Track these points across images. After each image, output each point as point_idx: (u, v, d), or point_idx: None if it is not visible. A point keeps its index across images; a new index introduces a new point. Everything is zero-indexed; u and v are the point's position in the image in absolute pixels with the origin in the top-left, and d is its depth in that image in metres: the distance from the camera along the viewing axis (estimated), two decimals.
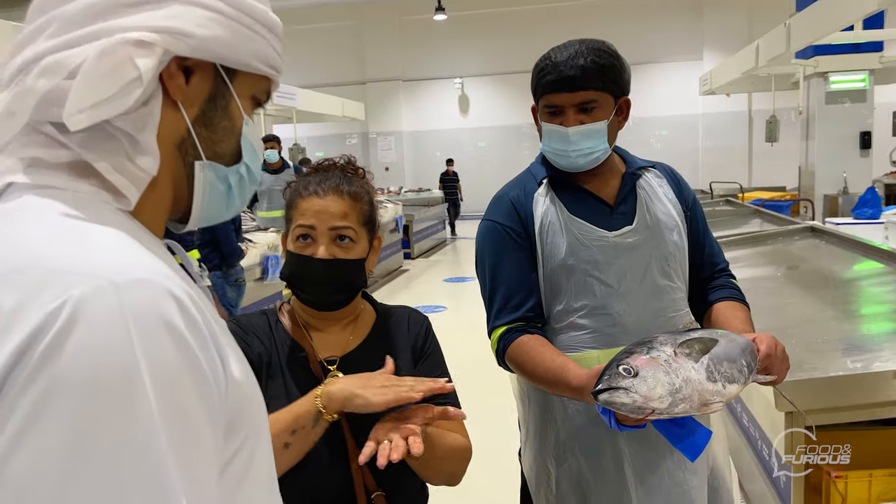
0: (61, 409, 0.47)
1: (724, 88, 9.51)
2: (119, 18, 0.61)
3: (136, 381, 0.49)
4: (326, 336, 1.29)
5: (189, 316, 0.54)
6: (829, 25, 4.92)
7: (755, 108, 10.92)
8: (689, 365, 1.14)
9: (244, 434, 0.62)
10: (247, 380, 0.64)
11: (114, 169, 0.61)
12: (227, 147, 0.71)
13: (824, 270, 3.75)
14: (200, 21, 0.64)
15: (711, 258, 1.63)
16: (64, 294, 0.49)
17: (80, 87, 0.58)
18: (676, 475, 1.47)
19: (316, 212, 1.22)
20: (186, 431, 0.52)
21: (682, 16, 15.19)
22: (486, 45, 16.13)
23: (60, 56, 0.60)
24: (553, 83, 1.43)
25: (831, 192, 7.95)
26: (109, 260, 0.54)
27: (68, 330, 0.48)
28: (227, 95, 0.70)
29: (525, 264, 1.49)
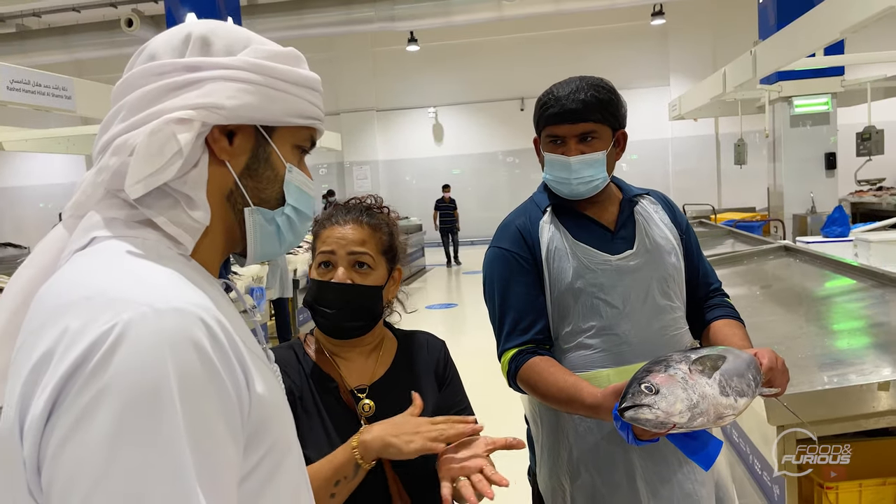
0: (105, 412, 0.58)
1: (693, 113, 9.75)
2: (166, 101, 0.74)
3: (165, 393, 0.59)
4: (352, 364, 1.33)
5: (216, 339, 0.65)
6: (794, 53, 5.11)
7: (722, 132, 11.21)
8: (703, 381, 1.20)
9: (267, 446, 0.71)
10: (272, 397, 0.73)
11: (171, 222, 0.74)
12: (271, 193, 0.82)
13: (800, 288, 3.85)
14: (230, 94, 0.75)
15: (706, 279, 1.71)
16: (115, 318, 0.61)
17: (135, 164, 0.71)
18: (686, 486, 1.52)
19: (336, 238, 1.29)
20: (207, 435, 0.62)
21: (648, 43, 15.60)
22: (458, 74, 16.36)
23: (124, 138, 0.73)
24: (556, 115, 1.51)
25: (800, 212, 8.16)
26: (155, 292, 0.65)
27: (115, 348, 0.60)
28: (268, 149, 0.81)
29: (533, 289, 1.55)
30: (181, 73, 0.75)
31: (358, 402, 1.28)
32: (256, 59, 0.78)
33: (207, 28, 0.79)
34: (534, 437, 1.68)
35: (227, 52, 0.78)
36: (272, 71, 0.79)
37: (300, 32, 11.77)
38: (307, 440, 1.21)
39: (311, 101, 0.83)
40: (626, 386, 1.21)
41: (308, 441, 1.21)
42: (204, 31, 0.78)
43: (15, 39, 11.87)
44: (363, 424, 1.25)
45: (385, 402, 1.29)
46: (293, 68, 0.81)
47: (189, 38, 0.78)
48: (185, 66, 0.76)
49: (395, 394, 1.30)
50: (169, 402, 0.59)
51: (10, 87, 3.93)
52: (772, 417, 1.93)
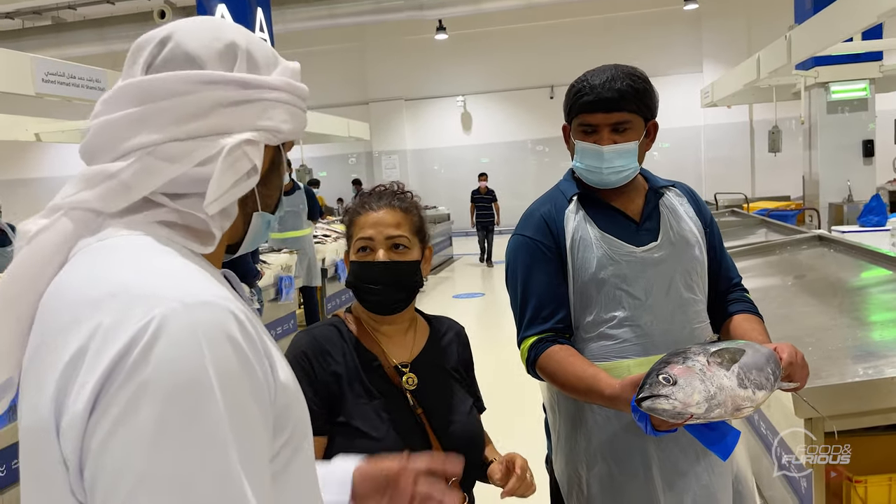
0: (148, 407, 0.59)
1: (726, 100, 9.58)
2: (222, 117, 0.76)
3: (205, 384, 0.61)
4: (392, 341, 1.42)
5: (246, 331, 0.66)
6: (830, 37, 4.99)
7: (756, 119, 11.00)
8: (721, 373, 1.21)
9: (289, 432, 0.73)
10: (292, 384, 0.75)
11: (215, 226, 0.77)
12: (273, 199, 0.88)
13: (834, 279, 3.78)
14: (284, 118, 0.81)
15: (727, 273, 1.70)
16: (149, 313, 0.62)
17: (215, 182, 0.73)
18: (703, 477, 1.52)
19: (373, 224, 1.38)
20: (246, 424, 0.63)
21: (681, 29, 15.33)
22: (487, 62, 16.27)
23: (175, 147, 0.73)
24: (590, 104, 1.50)
25: (836, 201, 7.99)
26: (182, 286, 0.66)
27: (154, 342, 0.60)
28: (280, 160, 0.86)
29: (555, 278, 1.56)
30: (235, 88, 0.77)
31: (402, 377, 1.37)
32: (292, 81, 0.83)
33: (246, 39, 0.81)
34: (551, 426, 1.70)
35: (267, 68, 0.82)
36: (300, 91, 0.84)
37: (330, 22, 11.81)
38: (354, 413, 1.30)
39: (305, 113, 0.88)
40: (643, 377, 1.21)
41: (355, 413, 1.30)
42: (245, 44, 0.80)
43: (51, 32, 12.10)
44: (409, 398, 1.35)
45: (425, 377, 1.39)
46: (303, 85, 0.86)
47: (233, 49, 0.79)
48: (238, 82, 0.77)
49: (432, 369, 1.41)
50: (209, 393, 0.60)
51: (45, 79, 4.02)
52: (799, 410, 1.91)
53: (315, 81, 16.57)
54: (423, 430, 1.32)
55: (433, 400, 1.37)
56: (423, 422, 1.33)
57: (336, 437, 1.29)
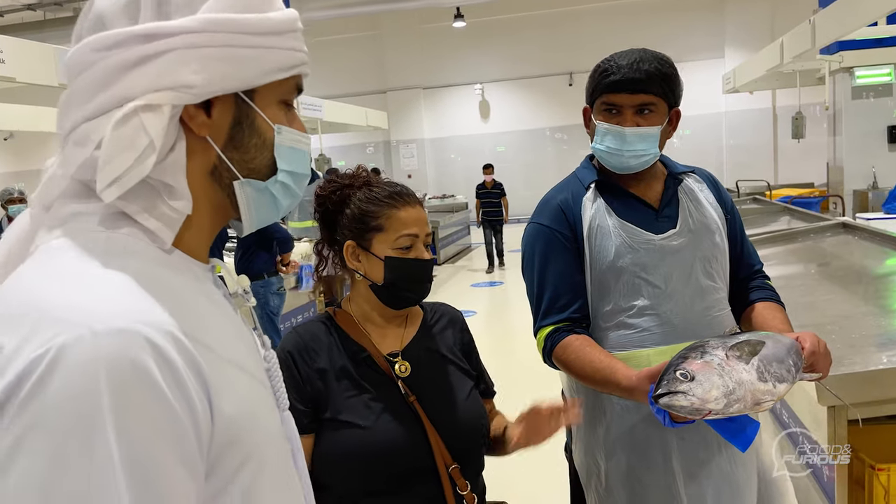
0: (36, 447, 0.53)
1: (748, 86, 9.46)
2: (124, 81, 0.65)
3: (98, 428, 0.54)
4: (384, 332, 1.40)
5: (166, 362, 0.58)
6: (855, 21, 4.90)
7: (779, 105, 10.86)
8: (740, 367, 1.20)
9: (237, 464, 0.65)
10: (244, 408, 0.66)
11: (150, 216, 0.67)
12: (261, 162, 0.73)
13: (858, 266, 3.73)
14: (196, 67, 0.66)
15: (749, 259, 1.68)
16: (49, 342, 0.55)
17: (104, 164, 0.64)
18: (724, 468, 1.51)
19: (416, 220, 1.35)
20: (149, 465, 0.56)
21: (703, 14, 15.11)
22: (505, 50, 16.17)
23: (85, 127, 0.66)
24: (616, 83, 1.48)
25: (860, 188, 7.87)
26: (98, 308, 0.58)
27: (47, 377, 0.54)
28: (252, 114, 0.72)
29: (572, 266, 1.54)
30: (135, 44, 0.65)
31: (393, 366, 1.35)
32: (218, 15, 0.67)
33: None
34: None
35: (188, 7, 0.67)
36: (240, 25, 0.68)
37: (347, 10, 11.79)
38: (342, 407, 1.29)
39: (293, 46, 0.73)
40: (661, 372, 1.21)
41: (343, 407, 1.29)
42: None
43: (72, 23, 12.14)
44: (400, 386, 1.33)
45: (418, 364, 1.37)
46: (263, 15, 0.70)
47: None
48: (138, 35, 0.65)
49: (426, 355, 1.39)
50: (101, 441, 0.54)
51: None
52: (822, 398, 1.89)
53: (333, 70, 16.68)
54: (416, 418, 1.30)
55: (427, 387, 1.35)
56: (416, 409, 1.31)
57: (323, 432, 1.28)
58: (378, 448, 1.25)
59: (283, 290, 5.04)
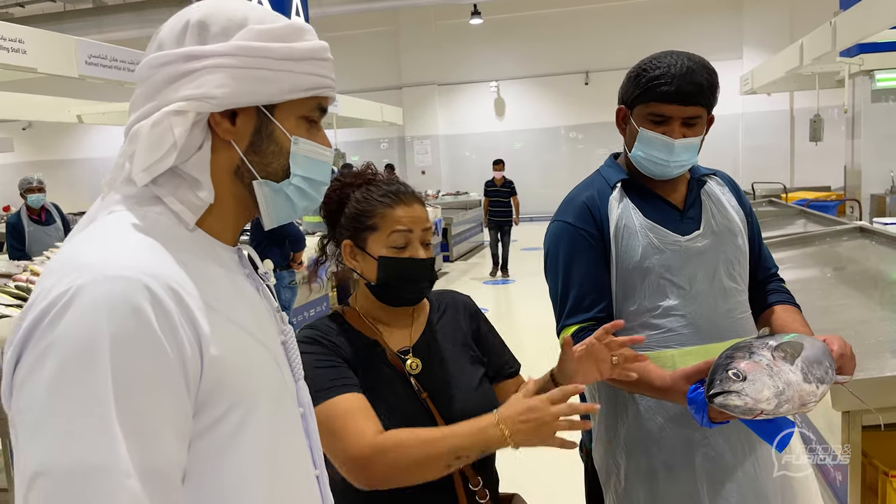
0: (51, 361, 0.68)
1: (767, 88, 9.38)
2: (168, 92, 0.81)
3: (97, 351, 0.68)
4: (393, 329, 1.39)
5: (158, 304, 0.71)
6: (877, 24, 4.85)
7: (797, 107, 10.74)
8: (787, 368, 1.20)
9: (227, 402, 0.77)
10: (235, 358, 0.79)
11: (177, 200, 0.82)
12: (277, 166, 0.87)
13: (875, 271, 3.70)
14: (219, 82, 0.80)
15: (765, 262, 1.69)
16: (71, 283, 0.70)
17: (139, 154, 0.80)
18: (749, 472, 1.50)
19: (411, 218, 1.34)
20: (136, 390, 0.69)
21: (721, 14, 15.00)
22: (521, 48, 16.13)
23: (136, 127, 0.82)
24: (669, 94, 1.45)
25: (878, 192, 7.80)
26: (113, 260, 0.73)
27: (65, 309, 0.69)
28: (271, 125, 0.86)
29: (597, 266, 1.53)
30: (179, 63, 0.81)
31: (405, 363, 1.35)
32: (247, 43, 0.82)
33: (205, 12, 0.83)
34: (590, 413, 1.68)
35: (224, 35, 0.82)
36: (263, 52, 0.82)
37: (364, 6, 11.81)
38: None
39: (312, 72, 0.86)
40: (710, 372, 1.21)
41: None
42: (201, 16, 0.83)
43: (91, 15, 12.29)
44: (413, 383, 1.32)
45: (429, 359, 1.37)
46: (289, 45, 0.84)
47: (188, 26, 0.83)
48: (182, 56, 0.81)
49: (435, 349, 1.39)
50: (101, 358, 0.68)
51: (89, 61, 4.11)
52: (836, 403, 1.89)
53: (349, 65, 16.68)
54: (429, 414, 1.31)
55: (438, 382, 1.35)
56: (428, 406, 1.31)
57: None
58: None
59: (295, 284, 5.12)
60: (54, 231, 6.11)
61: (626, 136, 1.57)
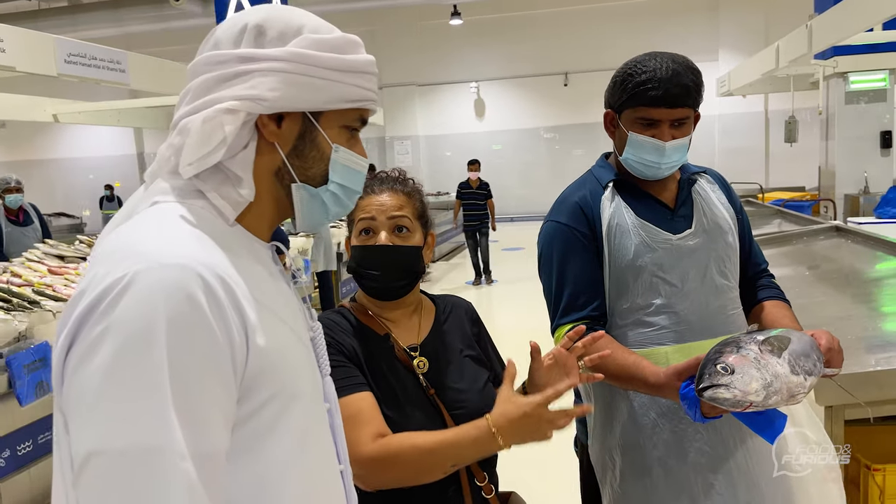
0: (108, 345, 0.69)
1: (743, 89, 9.51)
2: (220, 91, 0.83)
3: (154, 335, 0.69)
4: (399, 325, 1.40)
5: (211, 293, 0.73)
6: (852, 27, 4.95)
7: (772, 109, 10.91)
8: (774, 360, 1.22)
9: (268, 393, 0.79)
10: (278, 349, 0.81)
11: (219, 195, 0.84)
12: (316, 172, 0.90)
13: (851, 269, 3.77)
14: (273, 86, 0.82)
15: (755, 258, 1.71)
16: (127, 269, 0.72)
17: (188, 147, 0.82)
18: (739, 461, 1.52)
19: (376, 206, 1.35)
20: (190, 373, 0.71)
21: (698, 17, 15.17)
22: (501, 49, 16.18)
23: (186, 121, 0.83)
24: (657, 98, 1.46)
25: (852, 192, 7.94)
26: (168, 249, 0.75)
27: (122, 294, 0.70)
28: (315, 132, 0.88)
29: (591, 265, 1.55)
30: (235, 64, 0.83)
31: (413, 360, 1.36)
32: (302, 50, 0.84)
33: (263, 17, 0.86)
34: None
35: (280, 40, 0.85)
36: (316, 61, 0.84)
37: (345, 6, 11.76)
38: None
39: (360, 84, 0.89)
40: (700, 367, 1.23)
41: None
42: (259, 21, 0.85)
43: (66, 13, 12.12)
44: (422, 380, 1.34)
45: (435, 358, 1.38)
46: (340, 56, 0.86)
47: (245, 28, 0.85)
48: (238, 57, 0.83)
49: (442, 349, 1.40)
50: (157, 343, 0.69)
51: (68, 60, 4.05)
52: (819, 398, 1.92)
53: None
54: (438, 411, 1.32)
55: (445, 380, 1.36)
56: (437, 403, 1.32)
57: None
58: None
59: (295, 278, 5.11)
60: (32, 232, 6.01)
61: (615, 139, 1.59)
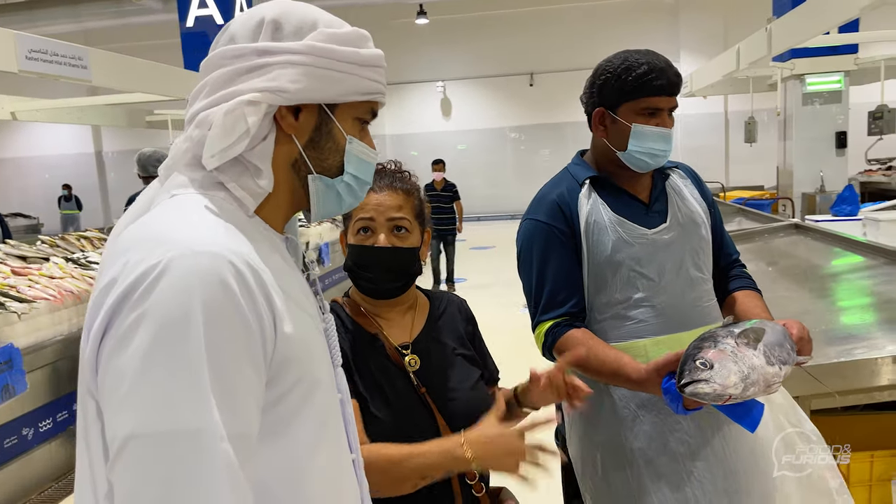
0: (142, 333, 0.70)
1: (704, 90, 9.67)
2: (240, 84, 0.84)
3: (192, 320, 0.71)
4: (392, 323, 1.39)
5: (243, 280, 0.75)
6: (810, 30, 5.08)
7: (731, 110, 11.12)
8: (750, 353, 1.26)
9: (293, 379, 0.81)
10: (302, 337, 0.83)
11: (239, 187, 0.86)
12: (332, 163, 0.92)
13: (809, 265, 3.88)
14: (293, 78, 0.85)
15: (727, 249, 1.76)
16: (161, 256, 0.73)
17: (211, 139, 0.83)
18: (717, 448, 1.56)
19: (374, 205, 1.33)
20: (225, 357, 0.72)
21: (659, 19, 15.43)
22: (467, 48, 16.23)
23: (205, 113, 0.85)
24: (662, 87, 1.52)
25: (809, 191, 8.14)
26: (199, 237, 0.76)
27: (157, 281, 0.72)
28: (330, 124, 0.90)
29: (570, 262, 1.57)
30: (253, 57, 0.85)
31: (404, 358, 1.35)
32: (320, 44, 0.86)
33: (279, 12, 0.88)
34: (563, 405, 1.72)
35: (296, 34, 0.87)
36: (334, 54, 0.87)
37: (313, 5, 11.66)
38: (361, 395, 1.29)
39: (372, 78, 0.91)
40: (680, 363, 1.27)
41: (361, 395, 1.29)
42: (275, 15, 0.87)
43: (24, 9, 11.78)
44: (413, 378, 1.33)
45: (427, 356, 1.38)
46: (355, 49, 0.89)
47: (262, 23, 0.87)
48: (256, 50, 0.85)
49: (434, 347, 1.39)
50: (194, 327, 0.71)
51: (29, 56, 3.94)
52: (787, 388, 1.97)
53: None
54: (428, 410, 1.32)
55: (436, 378, 1.36)
56: (427, 401, 1.32)
57: None
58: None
59: None
60: None
61: (607, 136, 1.60)
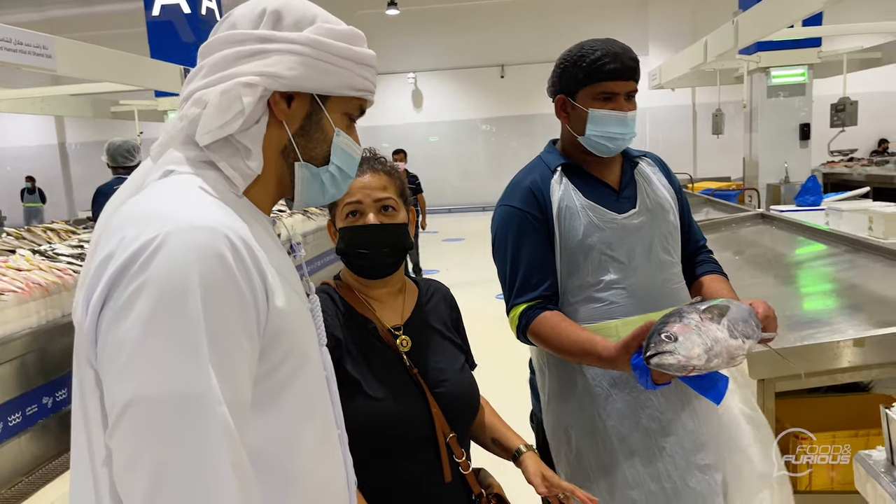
0: (142, 303, 0.73)
1: (672, 83, 9.80)
2: (239, 66, 0.88)
3: (189, 290, 0.73)
4: (383, 305, 1.43)
5: (238, 253, 0.78)
6: (776, 23, 5.17)
7: (699, 102, 11.29)
8: (714, 327, 1.30)
9: (283, 351, 0.84)
10: (292, 311, 0.86)
11: (230, 166, 0.89)
12: (319, 152, 0.95)
13: (774, 253, 3.98)
14: (290, 65, 0.88)
15: (694, 236, 1.81)
16: (159, 230, 0.75)
17: (206, 117, 0.86)
18: (686, 422, 1.62)
19: (360, 188, 1.37)
20: (222, 328, 0.75)
21: (628, 12, 15.57)
22: (438, 40, 16.20)
23: (202, 93, 0.88)
24: (615, 71, 1.56)
25: (774, 182, 8.32)
26: (195, 212, 0.79)
27: (155, 253, 0.74)
28: (321, 114, 0.94)
29: (543, 246, 1.62)
30: (254, 42, 0.89)
31: (396, 339, 1.39)
32: (318, 37, 0.90)
33: (281, 3, 0.92)
34: (539, 386, 1.77)
35: (296, 27, 0.91)
36: (330, 48, 0.91)
37: None
38: (354, 376, 1.32)
39: (364, 76, 0.96)
40: (646, 337, 1.30)
41: (355, 377, 1.32)
42: (277, 7, 0.91)
43: None
44: (405, 359, 1.37)
45: (417, 338, 1.42)
46: (350, 46, 0.93)
47: (264, 12, 0.91)
48: (257, 37, 0.89)
49: (423, 329, 1.43)
50: (192, 298, 0.73)
51: None
52: (752, 371, 2.03)
53: None
54: (420, 390, 1.36)
55: (426, 359, 1.40)
56: (419, 381, 1.36)
57: None
58: (388, 419, 1.30)
59: None
60: None
61: (569, 122, 1.66)
